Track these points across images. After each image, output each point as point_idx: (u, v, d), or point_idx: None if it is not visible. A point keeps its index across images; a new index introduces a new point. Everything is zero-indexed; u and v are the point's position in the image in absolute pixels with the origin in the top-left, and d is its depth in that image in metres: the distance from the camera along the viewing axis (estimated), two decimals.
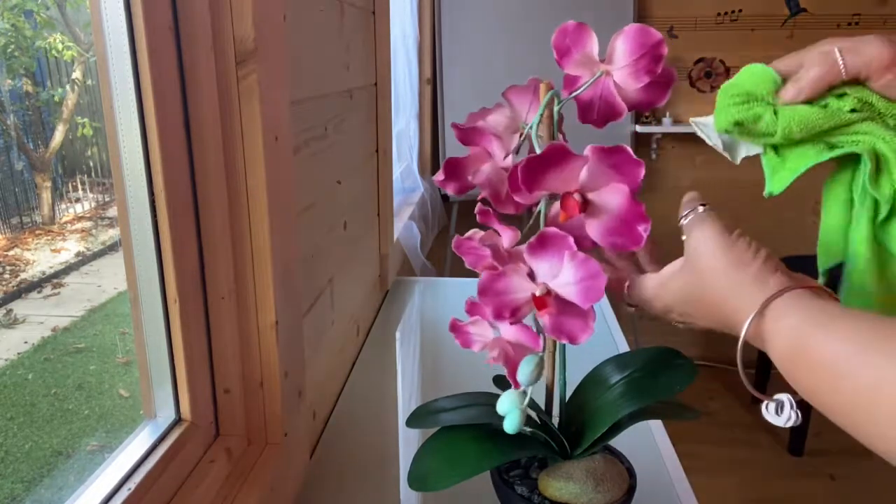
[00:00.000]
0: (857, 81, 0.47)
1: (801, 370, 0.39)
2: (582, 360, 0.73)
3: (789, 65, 0.50)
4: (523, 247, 0.56)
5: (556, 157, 0.52)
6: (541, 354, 0.58)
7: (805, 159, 0.49)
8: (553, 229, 0.53)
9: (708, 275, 0.46)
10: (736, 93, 0.51)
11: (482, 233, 0.61)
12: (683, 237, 0.50)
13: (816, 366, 0.37)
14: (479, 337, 0.60)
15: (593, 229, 0.53)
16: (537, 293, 0.53)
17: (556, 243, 0.53)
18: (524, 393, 0.58)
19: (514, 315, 0.55)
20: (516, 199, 0.55)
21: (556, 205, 0.56)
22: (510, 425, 0.57)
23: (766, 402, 0.44)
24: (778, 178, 0.51)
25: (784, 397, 0.43)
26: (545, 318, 0.54)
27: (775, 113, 0.49)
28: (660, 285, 0.52)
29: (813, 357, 0.38)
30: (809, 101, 0.49)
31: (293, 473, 0.76)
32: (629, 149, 0.52)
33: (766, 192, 0.52)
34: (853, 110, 0.47)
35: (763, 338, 0.42)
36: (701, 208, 0.49)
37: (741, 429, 2.54)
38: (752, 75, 0.51)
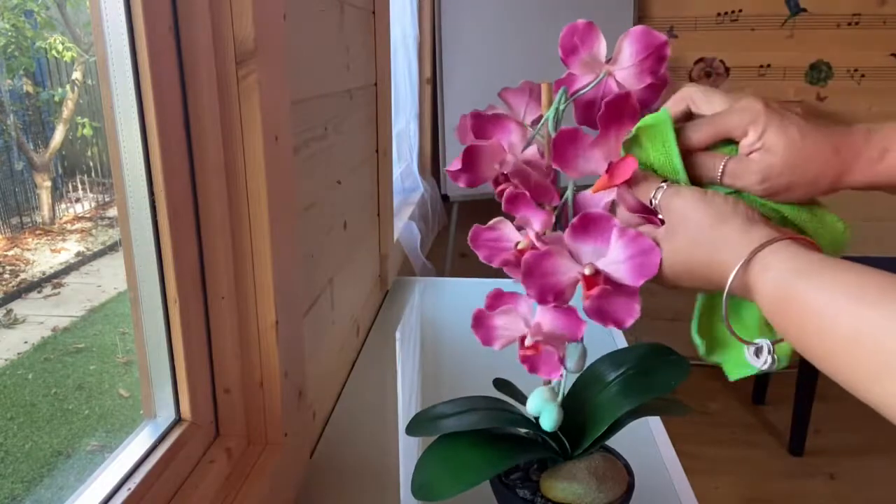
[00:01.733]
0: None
1: (787, 318, 0.40)
2: None
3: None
4: (555, 234, 0.54)
5: (623, 102, 0.51)
6: (583, 343, 0.56)
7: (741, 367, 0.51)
8: (596, 210, 0.52)
9: (695, 235, 0.47)
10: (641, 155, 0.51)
11: (507, 222, 0.58)
12: (660, 216, 0.50)
13: (801, 314, 0.39)
14: (506, 331, 0.57)
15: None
16: (586, 272, 0.51)
17: (600, 224, 0.52)
18: (553, 388, 0.56)
19: (558, 298, 0.53)
20: (557, 166, 0.54)
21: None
22: (548, 422, 0.55)
23: (747, 346, 0.46)
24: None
25: (763, 342, 0.45)
26: (588, 302, 0.52)
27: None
28: None
29: (798, 306, 0.39)
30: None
31: (293, 473, 0.76)
32: None
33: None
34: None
35: (749, 288, 0.43)
36: (665, 184, 0.50)
37: (741, 429, 2.54)
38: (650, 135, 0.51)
